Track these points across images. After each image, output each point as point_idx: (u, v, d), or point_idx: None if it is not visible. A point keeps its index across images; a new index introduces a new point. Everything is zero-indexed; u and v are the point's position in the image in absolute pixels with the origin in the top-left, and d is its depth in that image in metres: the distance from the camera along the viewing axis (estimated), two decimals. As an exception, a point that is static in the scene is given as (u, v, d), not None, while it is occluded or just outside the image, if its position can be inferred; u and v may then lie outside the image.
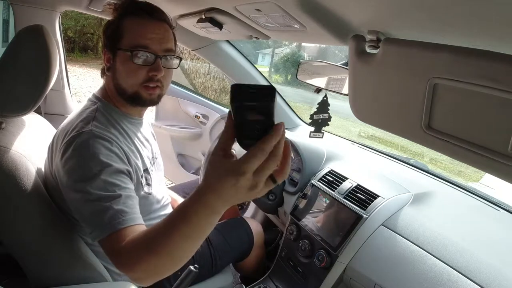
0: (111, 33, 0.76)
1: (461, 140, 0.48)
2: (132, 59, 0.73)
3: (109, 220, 0.62)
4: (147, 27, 0.75)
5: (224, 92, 7.54)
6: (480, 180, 3.28)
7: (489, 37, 0.46)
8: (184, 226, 0.48)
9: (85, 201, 0.64)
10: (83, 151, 0.67)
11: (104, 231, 0.61)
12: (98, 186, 0.64)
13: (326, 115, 0.83)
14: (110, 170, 0.67)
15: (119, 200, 0.64)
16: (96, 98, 0.81)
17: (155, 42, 0.75)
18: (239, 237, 1.16)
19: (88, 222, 0.64)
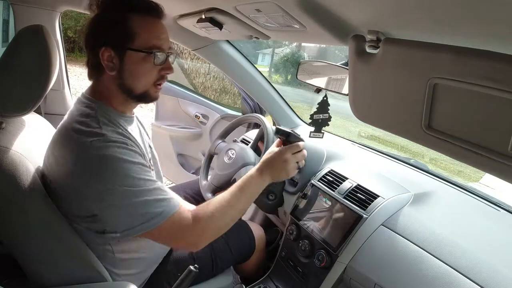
0: (115, 31, 0.72)
1: (461, 140, 0.48)
2: (154, 60, 0.73)
3: (161, 208, 0.70)
4: (158, 27, 0.75)
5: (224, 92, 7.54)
6: (480, 180, 3.29)
7: (489, 37, 0.46)
8: (246, 196, 0.83)
9: (123, 199, 0.68)
10: (105, 158, 0.68)
11: (160, 219, 0.70)
12: (136, 184, 0.69)
13: (326, 115, 0.83)
14: (139, 167, 0.71)
15: (158, 190, 0.72)
16: (89, 99, 0.77)
17: (165, 42, 0.76)
18: (241, 241, 1.15)
19: (135, 218, 0.69)
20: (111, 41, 0.72)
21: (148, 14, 0.74)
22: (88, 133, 0.70)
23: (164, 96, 2.04)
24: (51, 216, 0.74)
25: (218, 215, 0.78)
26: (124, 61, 0.73)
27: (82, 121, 0.72)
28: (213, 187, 1.18)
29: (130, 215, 0.69)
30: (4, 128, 0.76)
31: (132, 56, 0.73)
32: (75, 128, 0.72)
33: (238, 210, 0.83)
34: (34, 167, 0.75)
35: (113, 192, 0.68)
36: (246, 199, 0.84)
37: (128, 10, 0.72)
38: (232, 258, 1.13)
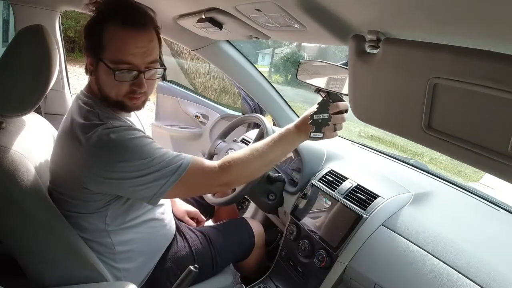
0: (92, 40, 0.72)
1: (461, 140, 0.48)
2: (114, 76, 0.70)
3: (179, 163, 0.74)
4: (130, 41, 0.70)
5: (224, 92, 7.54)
6: (480, 180, 3.29)
7: (489, 37, 0.46)
8: (279, 149, 0.84)
9: (147, 171, 0.71)
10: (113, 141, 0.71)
11: (183, 169, 0.73)
12: (149, 153, 0.72)
13: (327, 115, 0.83)
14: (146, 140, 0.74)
15: (169, 153, 0.75)
16: (86, 96, 0.81)
17: (139, 56, 0.71)
18: (240, 238, 1.16)
19: (158, 181, 0.72)
20: (89, 48, 0.74)
21: (123, 25, 0.70)
22: (91, 125, 0.72)
23: (164, 96, 2.05)
24: (51, 216, 0.74)
25: (246, 159, 0.80)
26: (98, 69, 0.74)
27: (83, 117, 0.75)
28: (213, 187, 1.18)
29: (154, 179, 0.72)
30: (4, 128, 0.76)
31: (102, 67, 0.72)
32: (78, 124, 0.74)
33: (268, 160, 0.84)
34: (34, 167, 0.75)
35: (132, 168, 0.71)
36: (278, 151, 0.85)
37: (105, 18, 0.71)
38: (232, 255, 1.13)
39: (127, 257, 0.87)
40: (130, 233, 0.86)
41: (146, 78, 0.74)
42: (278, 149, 0.84)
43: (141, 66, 0.73)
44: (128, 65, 0.71)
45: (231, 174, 0.79)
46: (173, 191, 0.74)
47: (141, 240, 0.89)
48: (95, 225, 0.81)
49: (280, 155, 0.86)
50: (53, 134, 1.01)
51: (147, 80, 0.75)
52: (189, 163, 0.75)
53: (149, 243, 0.92)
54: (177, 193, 0.78)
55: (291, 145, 0.87)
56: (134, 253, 0.89)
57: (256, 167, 0.83)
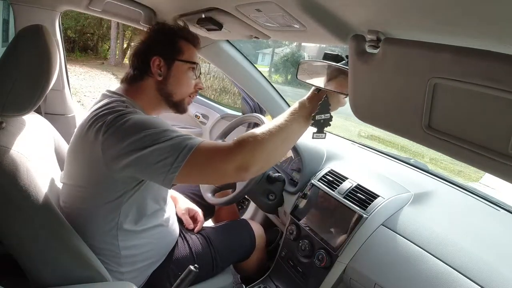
0: (168, 46, 0.90)
1: (461, 140, 0.48)
2: (195, 70, 0.93)
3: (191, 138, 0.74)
4: (196, 53, 0.96)
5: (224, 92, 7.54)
6: (480, 180, 3.29)
7: (489, 37, 0.46)
8: (297, 121, 0.80)
9: (158, 140, 0.71)
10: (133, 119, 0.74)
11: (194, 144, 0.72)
12: (165, 126, 0.75)
13: (328, 115, 0.83)
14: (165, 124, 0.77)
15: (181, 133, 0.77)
16: (118, 94, 0.86)
17: (198, 64, 0.95)
18: (241, 239, 1.16)
19: (170, 152, 0.71)
20: (163, 52, 0.88)
21: (191, 42, 0.94)
22: (116, 110, 0.76)
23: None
24: (51, 216, 0.74)
25: (264, 136, 0.75)
26: (172, 69, 0.89)
27: (109, 106, 0.78)
28: (213, 187, 1.18)
29: (166, 149, 0.71)
30: (4, 128, 0.76)
31: (179, 66, 0.90)
32: (102, 111, 0.77)
33: (286, 135, 0.79)
34: (34, 167, 0.75)
35: (145, 137, 0.71)
36: (295, 125, 0.80)
37: (179, 34, 0.92)
38: (233, 256, 1.13)
39: (132, 262, 0.88)
40: (137, 239, 0.87)
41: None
42: (295, 123, 0.80)
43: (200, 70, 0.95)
44: (198, 65, 0.94)
45: (247, 152, 0.72)
46: (185, 170, 0.71)
47: (147, 246, 0.90)
48: (104, 227, 0.82)
49: (297, 129, 0.81)
50: (53, 134, 1.01)
51: None
52: (202, 141, 0.75)
53: (154, 248, 0.92)
54: (189, 172, 0.72)
55: (307, 118, 0.82)
56: (139, 258, 0.89)
57: (275, 144, 0.77)
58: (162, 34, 0.92)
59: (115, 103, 0.80)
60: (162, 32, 0.93)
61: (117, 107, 0.78)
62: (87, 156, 0.77)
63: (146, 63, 0.88)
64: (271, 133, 0.76)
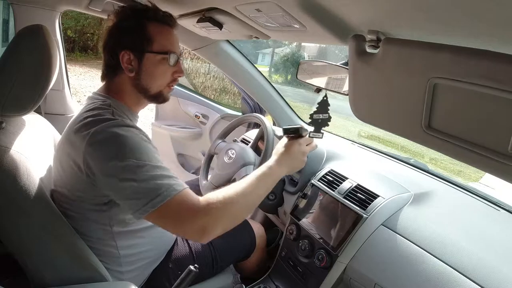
0: (133, 38, 0.79)
1: (461, 140, 0.48)
2: (169, 60, 0.82)
3: (165, 187, 0.69)
4: (171, 35, 0.84)
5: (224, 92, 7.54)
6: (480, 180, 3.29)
7: (489, 37, 0.46)
8: (263, 186, 0.83)
9: (135, 173, 0.68)
10: (121, 135, 0.70)
11: (168, 194, 0.69)
12: (147, 158, 0.70)
13: (326, 115, 0.83)
14: (150, 147, 0.74)
15: (164, 170, 0.72)
16: (102, 96, 0.82)
17: (177, 48, 0.86)
18: (241, 239, 1.15)
19: (142, 192, 0.68)
20: (131, 45, 0.79)
21: (162, 22, 0.82)
22: (102, 120, 0.73)
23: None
24: (51, 216, 0.74)
25: (231, 201, 0.75)
26: (143, 62, 0.81)
27: (95, 113, 0.75)
28: (213, 187, 1.18)
29: (140, 190, 0.69)
30: (4, 128, 0.76)
31: (150, 58, 0.81)
32: (88, 118, 0.74)
33: (253, 200, 0.82)
34: (34, 167, 0.75)
35: (126, 167, 0.69)
36: (263, 189, 0.84)
37: (145, 18, 0.80)
38: (233, 256, 1.13)
39: (131, 261, 0.87)
40: (135, 238, 0.86)
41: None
42: (262, 187, 0.83)
43: (178, 55, 0.85)
44: (174, 53, 0.83)
45: (212, 217, 0.72)
46: (152, 216, 0.69)
47: (145, 245, 0.89)
48: (99, 228, 0.80)
49: (263, 192, 0.84)
50: (53, 134, 1.01)
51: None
52: (177, 191, 0.70)
53: (153, 247, 0.92)
54: (155, 219, 0.71)
55: (275, 180, 0.86)
56: (138, 257, 0.89)
57: (242, 210, 0.79)
58: (126, 20, 0.81)
59: (101, 110, 0.76)
60: (127, 18, 0.81)
61: (102, 114, 0.74)
62: (71, 163, 0.75)
63: (116, 58, 0.80)
64: (239, 199, 0.77)
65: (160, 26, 0.82)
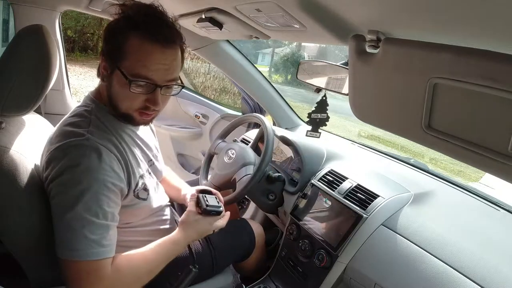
0: (112, 46, 0.68)
1: (461, 140, 0.48)
2: (129, 87, 0.67)
3: (82, 247, 0.64)
4: (154, 56, 0.66)
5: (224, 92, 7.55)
6: (480, 180, 3.29)
7: (489, 37, 0.46)
8: (165, 259, 0.78)
9: (64, 215, 0.64)
10: (77, 161, 0.66)
11: (74, 256, 0.64)
12: (84, 204, 0.64)
13: (324, 115, 0.83)
14: (101, 188, 0.67)
15: (97, 228, 0.66)
16: (90, 99, 0.78)
17: (160, 73, 0.68)
18: (241, 239, 1.15)
19: (60, 236, 0.65)
20: (108, 53, 0.70)
21: (150, 38, 0.66)
22: (70, 133, 0.70)
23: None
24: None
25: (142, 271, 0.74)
26: (113, 77, 0.70)
27: (73, 122, 0.73)
28: (213, 187, 1.18)
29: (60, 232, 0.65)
30: (4, 128, 0.76)
31: (118, 75, 0.68)
32: (64, 129, 0.72)
33: (153, 269, 0.77)
34: (34, 167, 0.75)
35: (61, 198, 0.65)
36: (174, 254, 0.80)
37: (131, 26, 0.67)
38: (232, 256, 1.13)
39: None
40: (134, 237, 0.85)
41: (162, 93, 0.71)
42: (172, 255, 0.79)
43: (160, 82, 0.69)
44: (146, 80, 0.67)
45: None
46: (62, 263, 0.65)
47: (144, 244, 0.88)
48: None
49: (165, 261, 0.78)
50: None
51: (162, 95, 0.71)
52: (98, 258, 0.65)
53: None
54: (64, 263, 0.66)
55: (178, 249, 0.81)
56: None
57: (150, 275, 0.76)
58: (115, 22, 0.69)
59: (79, 118, 0.73)
60: (117, 20, 0.69)
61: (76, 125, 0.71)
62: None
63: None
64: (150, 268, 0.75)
65: (141, 41, 0.66)
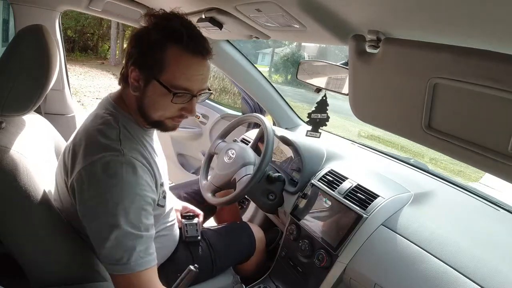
0: (149, 56, 0.69)
1: (461, 140, 0.48)
2: (172, 99, 0.70)
3: (132, 259, 0.66)
4: (193, 68, 0.70)
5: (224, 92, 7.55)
6: (480, 180, 3.29)
7: (489, 37, 0.46)
8: None
9: (110, 233, 0.65)
10: (116, 178, 0.66)
11: (125, 270, 0.66)
12: (128, 220, 0.65)
13: (324, 115, 0.83)
14: (141, 203, 0.68)
15: (143, 240, 0.68)
16: (113, 106, 0.76)
17: (198, 83, 0.72)
18: (241, 243, 1.15)
19: (108, 254, 0.66)
20: (142, 63, 0.70)
21: (188, 50, 0.69)
22: (101, 147, 0.68)
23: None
24: (51, 216, 0.74)
25: None
26: (148, 87, 0.71)
27: (102, 131, 0.71)
28: (213, 187, 1.18)
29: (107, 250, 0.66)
30: (4, 128, 0.76)
31: (156, 86, 0.70)
32: (94, 138, 0.70)
33: None
34: (34, 167, 0.75)
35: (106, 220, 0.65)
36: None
37: (169, 38, 0.68)
38: (232, 258, 1.13)
39: None
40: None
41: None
42: None
43: (196, 92, 0.72)
44: (186, 90, 0.70)
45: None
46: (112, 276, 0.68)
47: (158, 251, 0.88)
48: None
49: None
50: (53, 134, 1.01)
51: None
52: (139, 268, 0.67)
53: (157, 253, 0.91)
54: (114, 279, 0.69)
55: None
56: None
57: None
58: (150, 32, 0.69)
59: (105, 125, 0.72)
60: (152, 30, 0.69)
61: (106, 136, 0.70)
62: (63, 178, 0.74)
63: (127, 68, 0.72)
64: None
65: (182, 53, 0.68)
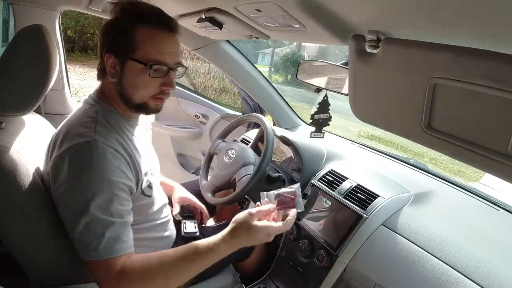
0: (121, 39, 0.73)
1: (461, 140, 0.48)
2: (149, 73, 0.72)
3: (101, 246, 0.66)
4: (165, 42, 0.75)
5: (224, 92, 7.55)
6: (480, 180, 3.29)
7: (489, 37, 0.46)
8: (200, 263, 0.72)
9: (80, 219, 0.66)
10: (86, 163, 0.67)
11: (95, 256, 0.66)
12: (98, 206, 0.66)
13: (327, 115, 0.83)
14: (112, 189, 0.68)
15: (115, 227, 0.68)
16: (94, 100, 0.79)
17: (171, 57, 0.76)
18: None
19: (79, 240, 0.67)
20: (116, 48, 0.73)
21: (156, 27, 0.73)
22: (80, 135, 0.69)
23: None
24: (51, 216, 0.74)
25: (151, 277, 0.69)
26: (124, 69, 0.74)
27: (80, 123, 0.73)
28: (213, 187, 1.18)
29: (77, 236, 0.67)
30: (4, 128, 0.76)
31: (132, 66, 0.73)
32: (70, 130, 0.72)
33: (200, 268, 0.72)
34: (34, 167, 0.75)
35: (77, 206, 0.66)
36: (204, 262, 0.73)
37: (137, 20, 0.72)
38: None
39: None
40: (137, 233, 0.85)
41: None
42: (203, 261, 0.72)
43: (171, 65, 0.76)
44: (162, 63, 0.74)
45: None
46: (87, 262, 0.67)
47: (144, 242, 0.88)
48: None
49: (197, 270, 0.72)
50: (53, 134, 1.01)
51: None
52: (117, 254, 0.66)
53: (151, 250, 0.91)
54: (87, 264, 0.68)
55: (223, 254, 0.76)
56: None
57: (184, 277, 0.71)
58: (116, 20, 0.74)
59: (83, 117, 0.74)
60: (117, 18, 0.74)
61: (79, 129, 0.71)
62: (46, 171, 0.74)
63: (103, 59, 0.75)
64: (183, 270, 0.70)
65: (151, 31, 0.73)
